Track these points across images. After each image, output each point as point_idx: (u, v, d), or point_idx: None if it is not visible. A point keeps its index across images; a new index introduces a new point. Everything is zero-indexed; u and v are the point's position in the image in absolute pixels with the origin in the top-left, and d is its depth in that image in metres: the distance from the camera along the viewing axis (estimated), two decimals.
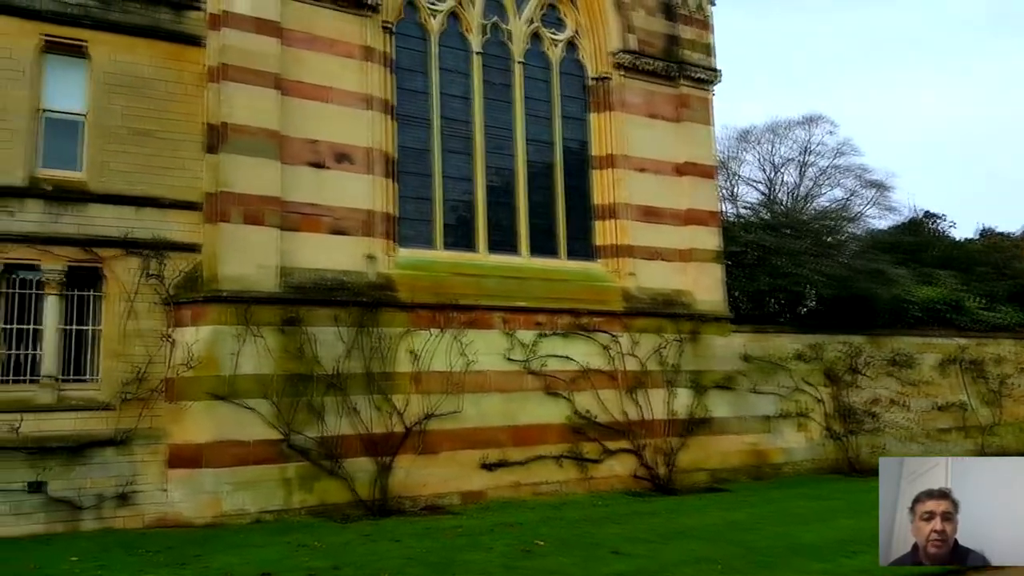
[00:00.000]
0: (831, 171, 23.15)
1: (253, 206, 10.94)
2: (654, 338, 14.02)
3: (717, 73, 15.72)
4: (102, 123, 10.72)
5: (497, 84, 13.89)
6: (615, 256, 14.30)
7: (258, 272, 10.87)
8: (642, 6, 15.18)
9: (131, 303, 10.49)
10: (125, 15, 10.94)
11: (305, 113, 11.59)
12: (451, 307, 12.25)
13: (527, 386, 12.73)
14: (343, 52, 12.03)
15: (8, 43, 10.28)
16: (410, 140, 12.89)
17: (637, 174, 14.63)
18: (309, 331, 11.10)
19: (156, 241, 10.71)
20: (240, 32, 11.10)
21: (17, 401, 9.87)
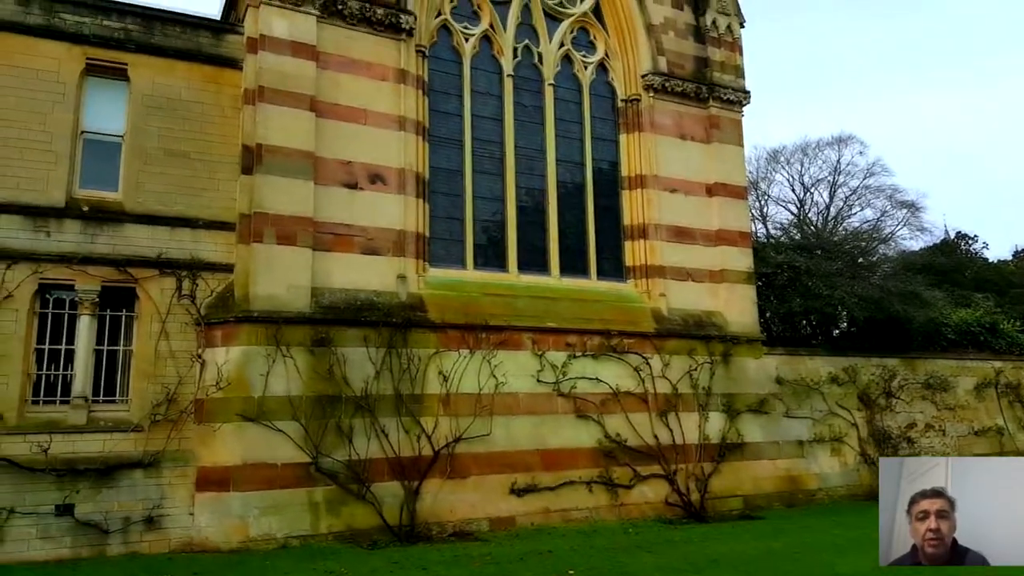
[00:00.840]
0: (862, 191, 22.89)
1: (286, 226, 10.96)
2: (685, 360, 13.81)
3: (747, 94, 15.64)
4: (140, 144, 10.84)
5: (528, 106, 13.90)
6: (646, 277, 14.16)
7: (289, 292, 10.86)
8: (672, 28, 15.17)
9: (163, 323, 10.52)
10: (166, 38, 11.12)
11: (339, 134, 11.65)
12: (481, 328, 12.15)
13: (557, 409, 12.56)
14: (378, 75, 12.12)
15: (54, 66, 10.48)
16: (442, 161, 12.91)
17: (668, 195, 14.52)
18: (339, 352, 11.04)
19: (190, 261, 10.76)
20: (277, 55, 11.23)
21: (48, 422, 9.88)
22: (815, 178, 23.35)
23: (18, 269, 9.89)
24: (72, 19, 10.70)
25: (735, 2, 15.95)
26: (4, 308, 9.79)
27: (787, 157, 23.84)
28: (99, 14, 10.86)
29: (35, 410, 9.94)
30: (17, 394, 9.76)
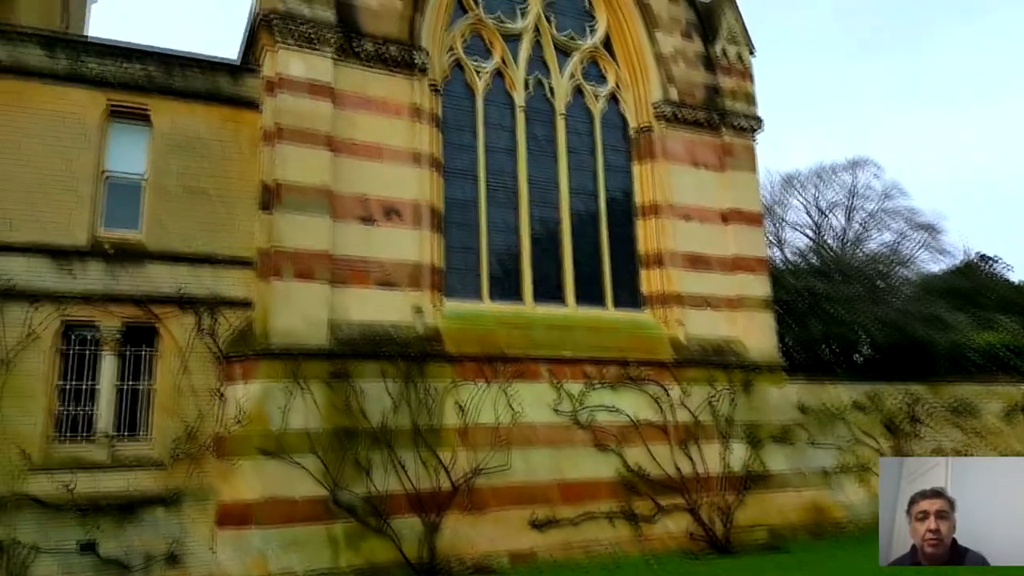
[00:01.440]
0: (879, 214, 22.68)
1: (304, 262, 11.09)
2: (705, 389, 13.66)
3: (759, 121, 15.69)
4: (161, 184, 11.08)
5: (540, 137, 14.04)
6: (662, 305, 14.11)
7: (307, 326, 10.94)
8: (682, 58, 15.33)
9: (184, 360, 10.63)
10: (186, 81, 11.43)
11: (356, 170, 11.83)
12: (498, 359, 12.14)
13: (576, 440, 12.45)
14: (393, 111, 12.34)
15: (78, 111, 10.79)
16: (456, 193, 13.04)
17: (682, 222, 14.52)
18: (356, 385, 11.07)
19: (210, 298, 10.90)
20: (295, 95, 11.48)
21: (72, 459, 9.97)
22: (831, 202, 23.26)
23: (43, 309, 10.08)
24: (95, 65, 11.04)
25: (744, 31, 16.09)
26: (29, 347, 9.96)
27: (802, 181, 23.81)
28: (121, 59, 11.19)
29: (59, 447, 10.04)
30: (41, 432, 9.88)
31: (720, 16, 15.83)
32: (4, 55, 10.54)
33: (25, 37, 10.84)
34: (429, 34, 12.88)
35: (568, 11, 14.87)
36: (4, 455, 9.57)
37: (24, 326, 9.94)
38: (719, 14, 15.86)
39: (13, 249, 10.11)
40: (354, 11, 12.36)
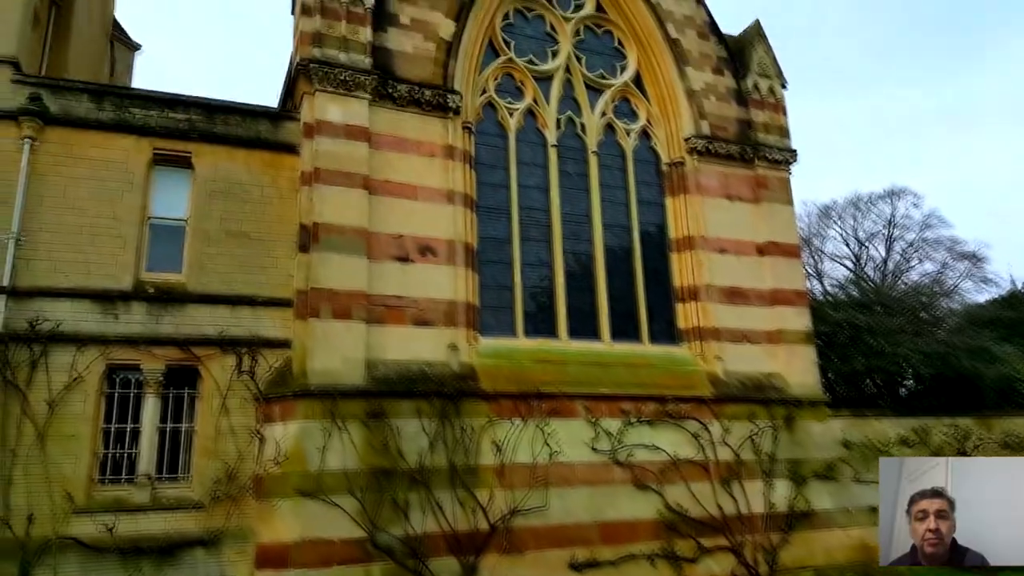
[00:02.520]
0: (919, 244, 22.27)
1: (341, 301, 11.18)
2: (746, 425, 13.36)
3: (793, 153, 15.60)
4: (202, 227, 11.34)
5: (573, 174, 14.11)
6: (700, 339, 13.91)
7: (345, 365, 10.98)
8: (713, 93, 15.36)
9: (224, 401, 10.74)
10: (227, 127, 11.77)
11: (391, 210, 11.98)
12: (533, 396, 12.03)
13: (614, 478, 12.21)
14: (427, 152, 12.53)
15: (124, 157, 11.16)
16: (490, 230, 13.11)
17: (717, 255, 14.39)
18: (393, 424, 11.04)
19: (250, 338, 11.05)
20: (332, 139, 11.72)
21: (114, 501, 10.09)
22: (869, 232, 22.91)
23: (88, 352, 10.30)
24: (140, 113, 11.43)
25: (775, 64, 16.10)
26: (74, 390, 10.16)
27: (839, 212, 23.53)
28: (165, 107, 11.58)
29: (101, 489, 10.17)
30: (85, 473, 10.03)
31: (751, 51, 15.88)
32: (55, 107, 10.97)
33: (75, 89, 11.30)
34: (462, 76, 13.12)
35: (598, 50, 15.05)
36: (49, 497, 9.71)
37: (70, 369, 10.15)
38: (750, 49, 15.91)
39: (60, 293, 10.39)
40: (389, 56, 12.66)
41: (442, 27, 13.19)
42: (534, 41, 14.49)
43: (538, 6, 14.70)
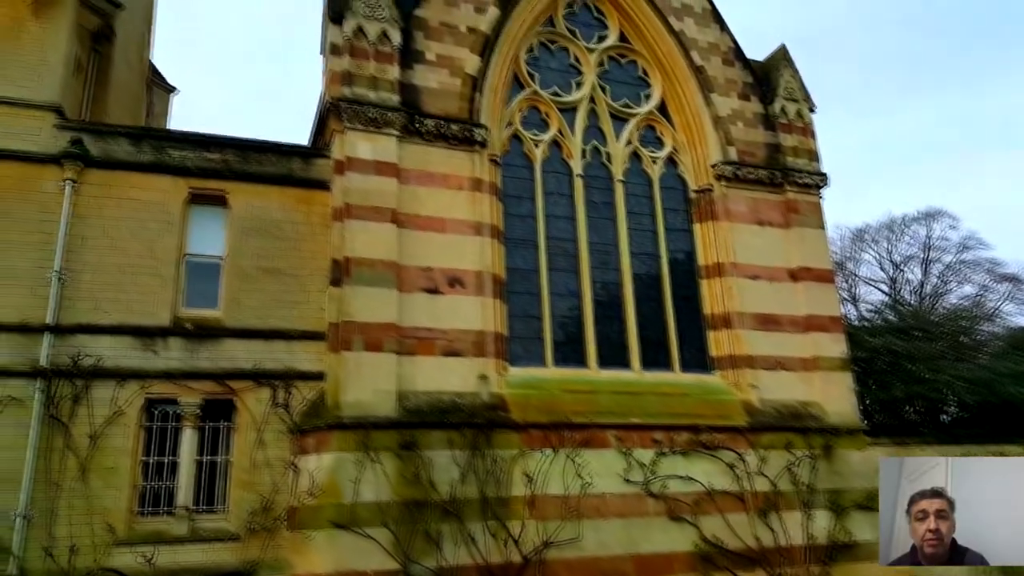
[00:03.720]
0: (957, 266, 21.73)
1: (372, 333, 11.32)
2: (783, 455, 13.09)
3: (824, 177, 15.46)
4: (237, 264, 11.61)
5: (599, 203, 14.16)
6: (733, 367, 13.73)
7: (376, 397, 11.08)
8: (740, 119, 15.36)
9: (260, 433, 10.89)
10: (261, 166, 12.09)
11: (420, 243, 12.15)
12: (564, 426, 11.96)
13: (648, 510, 12.03)
14: (454, 185, 12.70)
15: (162, 197, 11.51)
16: (518, 261, 13.19)
17: (749, 281, 14.25)
18: (425, 455, 11.06)
19: (284, 371, 11.22)
20: (362, 175, 11.97)
21: (153, 532, 10.24)
22: (905, 255, 22.45)
23: (128, 386, 10.55)
24: (177, 154, 11.81)
25: (802, 88, 16.05)
26: (115, 423, 10.40)
27: (872, 235, 23.12)
28: (200, 148, 11.95)
29: (141, 521, 10.34)
30: (125, 506, 10.21)
31: (777, 76, 15.87)
32: (96, 150, 11.40)
33: (114, 133, 11.73)
34: (488, 110, 13.34)
35: (622, 80, 15.17)
36: (90, 528, 9.91)
37: (110, 403, 10.40)
38: (776, 74, 15.90)
39: (101, 330, 10.69)
40: (416, 93, 12.94)
41: (468, 63, 13.46)
42: (558, 73, 14.68)
43: (562, 39, 14.92)
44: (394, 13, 12.94)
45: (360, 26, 12.72)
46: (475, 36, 13.67)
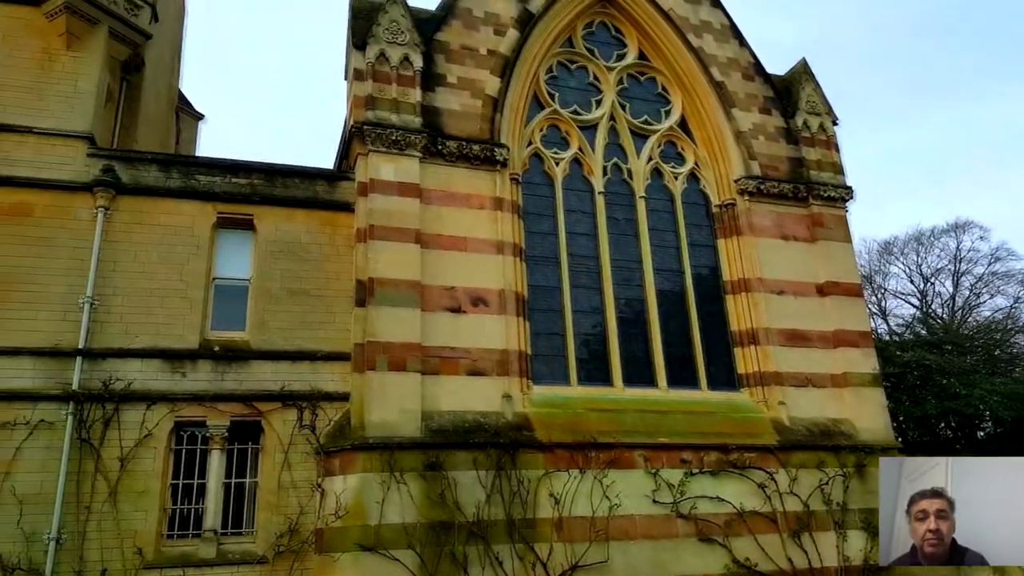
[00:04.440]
0: (989, 278, 21.28)
1: (397, 353, 11.34)
2: (815, 474, 12.82)
3: (849, 190, 15.30)
4: (264, 286, 11.73)
5: (621, 219, 14.12)
6: (761, 384, 13.53)
7: (401, 417, 11.07)
8: (762, 133, 15.28)
9: (286, 454, 10.92)
10: (287, 190, 12.27)
11: (443, 262, 12.20)
12: (590, 445, 11.83)
13: (677, 532, 11.81)
14: (476, 204, 12.77)
15: (190, 222, 11.71)
16: (540, 279, 13.16)
17: (775, 297, 14.08)
18: (450, 475, 11.00)
19: (310, 392, 11.27)
20: (385, 196, 12.09)
21: (181, 556, 10.27)
22: (934, 268, 22.04)
23: (156, 409, 10.65)
24: (205, 179, 12.02)
25: (824, 101, 15.94)
26: (144, 446, 10.49)
27: (900, 248, 22.76)
28: (228, 173, 12.17)
29: (169, 544, 10.38)
30: (154, 529, 10.25)
31: (798, 89, 15.79)
32: (126, 177, 11.64)
33: (144, 160, 11.99)
34: (508, 130, 13.43)
35: (642, 97, 15.20)
36: (120, 552, 9.95)
37: (140, 426, 10.50)
38: (797, 87, 15.83)
39: (131, 353, 10.83)
40: (437, 114, 13.07)
41: (488, 84, 13.58)
42: (578, 92, 14.75)
43: (581, 58, 15.01)
44: (415, 38, 13.14)
45: (382, 51, 12.92)
46: (495, 58, 13.81)
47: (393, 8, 13.23)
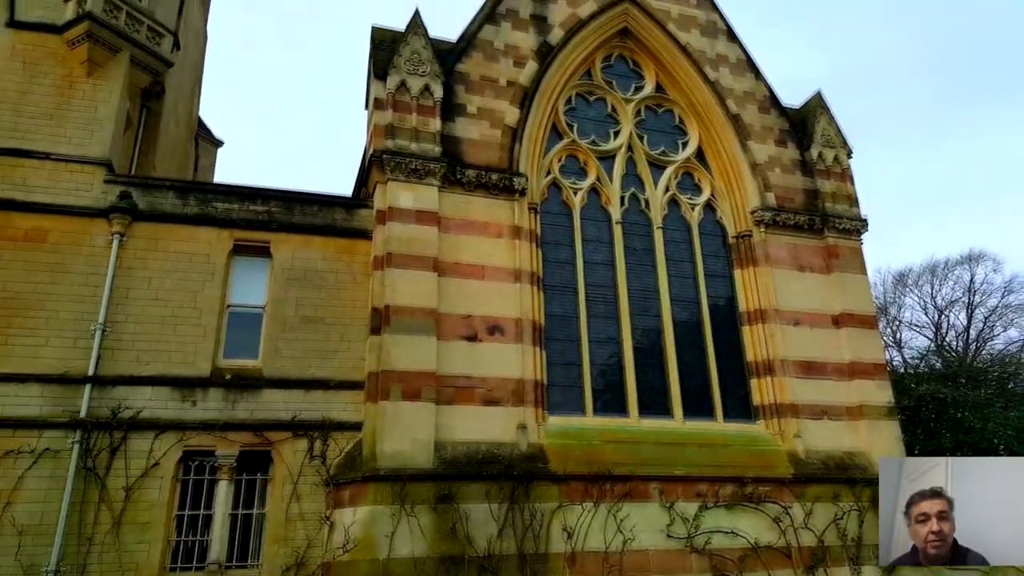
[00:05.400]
0: (1003, 311, 21.17)
1: (411, 382, 11.21)
2: (830, 507, 12.63)
3: (864, 222, 15.26)
4: (278, 313, 11.64)
5: (638, 249, 14.07)
6: (776, 416, 13.38)
7: (414, 447, 10.91)
8: (778, 165, 15.27)
9: (295, 485, 10.75)
10: (304, 217, 12.22)
11: (460, 290, 12.11)
12: (605, 477, 11.66)
13: (692, 567, 11.59)
14: (494, 233, 12.71)
15: (206, 249, 11.64)
16: (557, 308, 13.08)
17: (791, 328, 13.98)
18: (461, 508, 10.81)
19: (321, 422, 11.12)
20: (403, 224, 12.03)
21: None
22: (948, 299, 21.93)
23: (165, 438, 10.50)
24: (223, 206, 11.98)
25: (839, 133, 15.95)
26: (151, 476, 10.31)
27: (915, 279, 22.67)
28: (246, 200, 12.12)
29: None
30: (157, 561, 10.04)
31: (813, 122, 15.82)
32: (143, 203, 11.60)
33: (162, 187, 11.95)
34: (527, 159, 13.42)
35: (659, 128, 15.23)
36: None
37: (147, 456, 10.33)
38: (812, 120, 15.85)
39: (141, 381, 10.69)
40: (457, 144, 13.07)
41: (508, 115, 13.60)
42: (596, 123, 14.77)
43: (599, 90, 15.05)
44: (436, 68, 13.18)
45: (403, 81, 12.96)
46: (515, 89, 13.84)
47: (415, 39, 13.29)
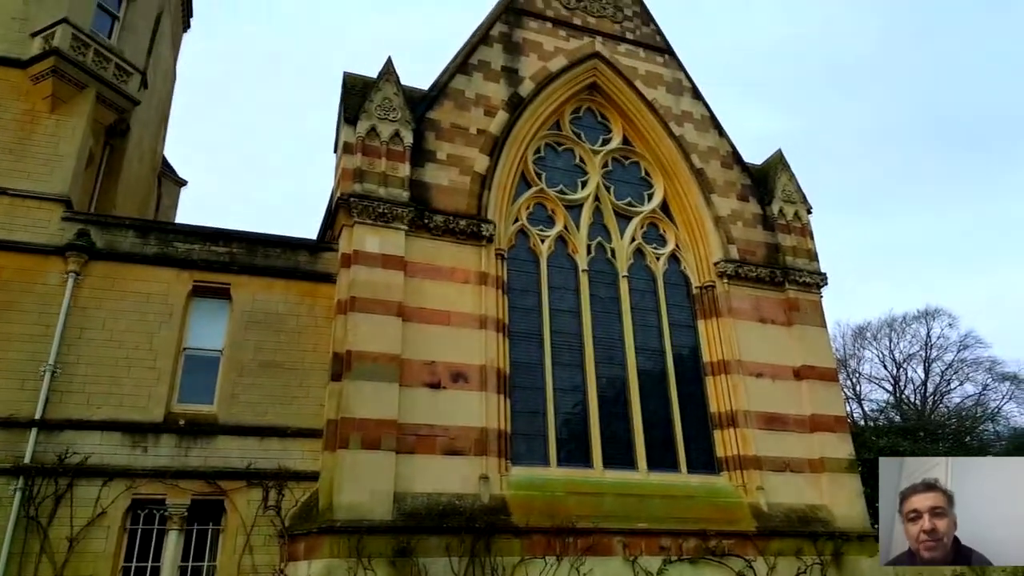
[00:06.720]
0: (958, 365, 21.70)
1: (371, 430, 10.95)
2: (792, 562, 12.54)
3: (823, 276, 15.60)
4: (236, 357, 11.34)
5: (604, 298, 14.14)
6: (740, 468, 13.35)
7: (372, 499, 10.59)
8: (740, 219, 15.62)
9: (248, 537, 10.34)
10: (267, 259, 12.05)
11: (424, 336, 11.97)
12: (568, 531, 11.44)
13: None
14: (460, 279, 12.67)
15: (164, 289, 11.36)
16: (522, 355, 13.00)
17: (753, 379, 14.08)
18: (420, 562, 10.48)
19: (277, 471, 10.77)
20: (369, 268, 11.92)
21: None
22: (906, 353, 22.45)
23: (113, 486, 10.06)
24: (183, 247, 11.76)
25: (799, 190, 16.42)
26: (97, 525, 9.84)
27: (873, 333, 23.18)
28: (208, 241, 11.92)
29: None
30: None
31: (775, 178, 16.28)
32: (101, 242, 11.33)
33: (121, 225, 11.71)
34: (495, 206, 13.51)
35: (626, 179, 15.53)
36: None
37: (94, 504, 9.87)
38: (773, 176, 16.32)
39: (91, 425, 10.29)
40: (426, 189, 13.11)
41: (477, 162, 13.72)
42: (564, 172, 15.01)
43: (568, 141, 15.33)
44: (407, 115, 13.29)
45: (374, 126, 13.02)
46: (484, 137, 14.00)
47: (386, 86, 13.42)
